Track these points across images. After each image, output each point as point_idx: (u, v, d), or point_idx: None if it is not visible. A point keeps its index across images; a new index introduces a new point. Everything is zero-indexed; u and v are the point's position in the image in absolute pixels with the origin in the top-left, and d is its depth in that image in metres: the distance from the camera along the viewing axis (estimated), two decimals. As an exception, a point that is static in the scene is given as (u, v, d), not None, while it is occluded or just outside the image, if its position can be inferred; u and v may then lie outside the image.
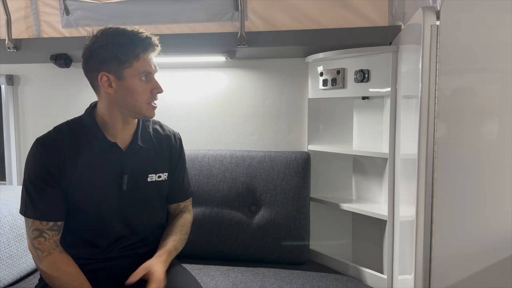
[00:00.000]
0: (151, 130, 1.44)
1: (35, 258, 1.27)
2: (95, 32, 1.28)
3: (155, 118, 1.42)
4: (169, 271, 1.37)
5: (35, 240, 1.26)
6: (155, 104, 1.33)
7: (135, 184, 1.36)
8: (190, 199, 1.58)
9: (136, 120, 1.39)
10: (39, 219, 1.26)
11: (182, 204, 1.54)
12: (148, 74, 1.29)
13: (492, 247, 1.12)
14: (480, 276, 1.12)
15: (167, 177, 1.45)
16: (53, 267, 1.26)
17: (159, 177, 1.42)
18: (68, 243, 1.32)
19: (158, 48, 1.30)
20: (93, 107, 1.37)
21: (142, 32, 1.27)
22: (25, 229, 1.29)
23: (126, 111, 1.31)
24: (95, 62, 1.27)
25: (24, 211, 1.28)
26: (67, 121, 1.36)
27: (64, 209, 1.30)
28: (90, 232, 1.35)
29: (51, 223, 1.27)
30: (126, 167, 1.34)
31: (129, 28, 1.28)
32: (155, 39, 1.29)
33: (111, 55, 1.24)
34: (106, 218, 1.34)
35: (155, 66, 1.31)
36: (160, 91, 1.32)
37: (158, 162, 1.43)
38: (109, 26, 1.29)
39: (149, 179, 1.40)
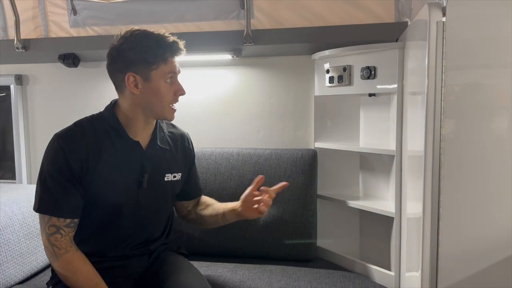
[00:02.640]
0: (166, 131, 1.47)
1: (51, 255, 1.28)
2: (122, 33, 1.30)
3: None
4: (176, 268, 1.39)
5: (52, 237, 1.26)
6: (175, 107, 1.35)
7: (153, 183, 1.38)
8: (200, 197, 1.62)
9: (155, 121, 1.41)
10: (57, 216, 1.26)
11: (189, 203, 1.58)
12: (173, 76, 1.32)
13: (500, 244, 1.12)
14: (488, 273, 1.12)
15: (181, 177, 1.47)
16: (69, 265, 1.27)
17: (174, 177, 1.45)
18: (79, 240, 1.32)
19: (184, 52, 1.33)
20: (113, 104, 1.38)
21: (168, 36, 1.30)
22: (40, 225, 1.29)
23: (149, 111, 1.33)
24: (122, 63, 1.29)
25: (40, 207, 1.27)
26: (87, 117, 1.37)
27: (81, 206, 1.31)
28: (103, 229, 1.36)
29: (68, 220, 1.28)
30: (147, 166, 1.36)
31: (155, 31, 1.30)
32: (181, 44, 1.32)
33: (140, 57, 1.26)
34: (122, 214, 1.35)
35: (178, 68, 1.34)
36: (183, 93, 1.35)
37: (174, 162, 1.45)
38: (136, 28, 1.31)
39: (165, 179, 1.42)
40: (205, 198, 1.62)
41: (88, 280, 1.26)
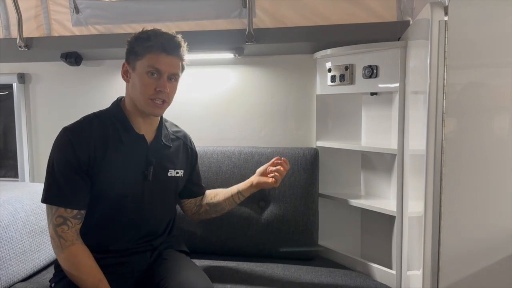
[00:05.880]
0: (169, 129, 1.51)
1: (57, 246, 1.29)
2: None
3: (168, 118, 1.48)
4: (178, 266, 1.39)
5: (59, 228, 1.28)
6: (158, 101, 1.33)
7: (158, 177, 1.42)
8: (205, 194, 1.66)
9: (158, 118, 1.44)
10: (65, 207, 1.28)
11: (196, 199, 1.62)
12: (158, 72, 1.31)
13: (501, 243, 1.12)
14: (489, 272, 1.12)
15: (183, 174, 1.50)
16: (74, 258, 1.28)
17: (177, 173, 1.48)
18: (84, 232, 1.33)
19: (177, 52, 1.33)
20: (120, 100, 1.43)
21: (165, 32, 1.34)
22: (47, 216, 1.30)
23: (136, 103, 1.36)
24: (125, 53, 1.37)
25: (47, 198, 1.29)
26: (94, 112, 1.41)
27: (88, 198, 1.33)
28: (108, 220, 1.37)
29: (75, 211, 1.29)
30: (152, 159, 1.39)
31: (161, 30, 1.35)
32: (175, 43, 1.33)
33: (131, 46, 1.34)
34: (127, 206, 1.37)
35: (169, 67, 1.32)
36: (163, 90, 1.32)
37: (176, 159, 1.48)
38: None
39: (169, 174, 1.45)
40: (210, 190, 1.68)
41: (92, 275, 1.27)
